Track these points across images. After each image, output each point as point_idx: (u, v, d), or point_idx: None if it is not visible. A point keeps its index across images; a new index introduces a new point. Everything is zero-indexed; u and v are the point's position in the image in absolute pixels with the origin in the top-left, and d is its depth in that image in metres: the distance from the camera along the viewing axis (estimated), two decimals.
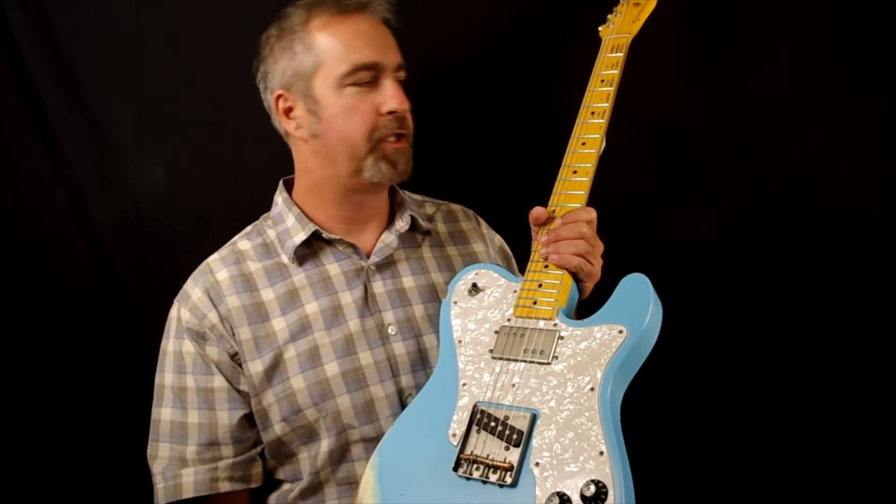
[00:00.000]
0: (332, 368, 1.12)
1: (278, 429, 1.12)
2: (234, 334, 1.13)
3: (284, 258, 1.18)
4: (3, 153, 1.48)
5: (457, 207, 1.36)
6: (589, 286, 1.09)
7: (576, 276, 1.06)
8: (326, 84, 1.11)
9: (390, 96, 1.11)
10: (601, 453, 0.88)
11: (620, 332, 0.96)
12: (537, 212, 1.10)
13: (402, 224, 1.23)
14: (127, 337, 1.53)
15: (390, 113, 1.12)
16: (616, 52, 1.21)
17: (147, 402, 1.18)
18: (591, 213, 1.08)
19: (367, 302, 1.17)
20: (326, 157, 1.15)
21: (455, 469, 0.95)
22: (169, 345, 1.16)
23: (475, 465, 0.94)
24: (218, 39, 1.47)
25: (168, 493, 1.12)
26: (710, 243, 1.51)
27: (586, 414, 0.92)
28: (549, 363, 0.98)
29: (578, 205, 1.09)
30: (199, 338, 1.14)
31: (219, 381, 1.14)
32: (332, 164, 1.15)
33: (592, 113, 1.16)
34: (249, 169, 1.49)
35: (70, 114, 1.48)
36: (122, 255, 1.52)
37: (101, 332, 1.54)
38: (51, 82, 1.46)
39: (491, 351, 1.03)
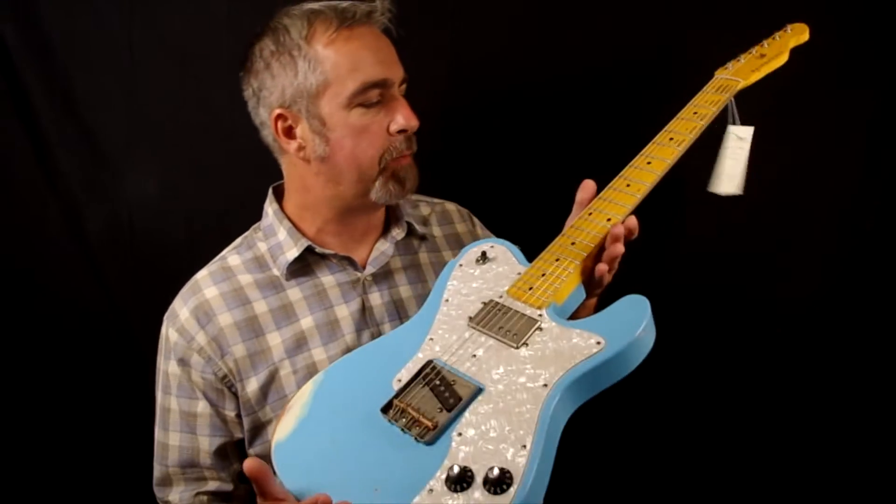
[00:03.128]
0: None
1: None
2: (223, 355, 1.09)
3: (276, 272, 1.13)
4: None
5: (451, 207, 1.32)
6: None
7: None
8: (334, 104, 1.05)
9: (402, 115, 1.07)
10: (524, 447, 0.83)
11: (598, 342, 0.90)
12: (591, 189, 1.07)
13: (398, 231, 1.20)
14: (120, 347, 1.51)
15: (400, 132, 1.07)
16: (721, 92, 1.16)
17: (141, 414, 1.18)
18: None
19: (365, 315, 1.14)
20: (331, 179, 1.10)
21: (384, 410, 0.92)
22: (160, 362, 1.14)
23: (402, 414, 0.90)
24: (210, 50, 1.43)
25: None
26: (699, 253, 1.49)
27: (528, 406, 0.87)
28: (516, 347, 0.94)
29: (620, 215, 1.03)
30: (186, 361, 1.10)
31: (202, 407, 1.10)
32: (335, 185, 1.10)
33: (671, 139, 1.11)
34: (242, 178, 1.41)
35: (63, 124, 1.45)
36: (115, 265, 1.50)
37: (95, 342, 1.51)
38: (43, 93, 1.43)
39: (470, 318, 1.00)
